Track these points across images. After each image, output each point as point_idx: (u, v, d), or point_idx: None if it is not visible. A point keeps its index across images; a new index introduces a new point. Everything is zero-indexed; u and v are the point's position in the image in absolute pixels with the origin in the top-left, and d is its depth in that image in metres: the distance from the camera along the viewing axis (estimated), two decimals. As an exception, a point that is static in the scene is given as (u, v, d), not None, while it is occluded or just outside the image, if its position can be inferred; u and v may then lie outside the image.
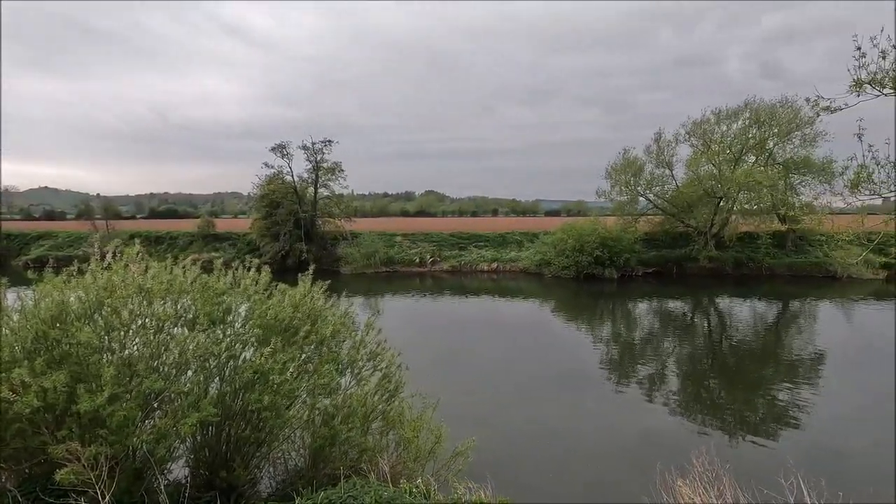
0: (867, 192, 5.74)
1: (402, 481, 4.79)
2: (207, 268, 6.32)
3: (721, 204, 32.01)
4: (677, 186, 34.13)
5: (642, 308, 23.67)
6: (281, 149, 37.09)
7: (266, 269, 6.52)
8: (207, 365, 5.26)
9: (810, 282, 29.61)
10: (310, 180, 38.18)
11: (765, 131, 31.66)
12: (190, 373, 5.18)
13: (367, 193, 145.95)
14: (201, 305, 5.45)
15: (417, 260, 35.94)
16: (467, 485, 5.07)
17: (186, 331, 5.21)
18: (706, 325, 20.18)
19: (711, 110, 33.40)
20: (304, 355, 5.74)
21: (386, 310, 22.72)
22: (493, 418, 10.22)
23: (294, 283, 6.49)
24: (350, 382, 6.21)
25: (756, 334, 18.25)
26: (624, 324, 20.48)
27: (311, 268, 6.94)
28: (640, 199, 35.34)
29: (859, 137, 5.72)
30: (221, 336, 5.42)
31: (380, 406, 6.16)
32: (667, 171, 34.56)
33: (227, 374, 5.37)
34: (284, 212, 35.86)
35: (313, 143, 37.32)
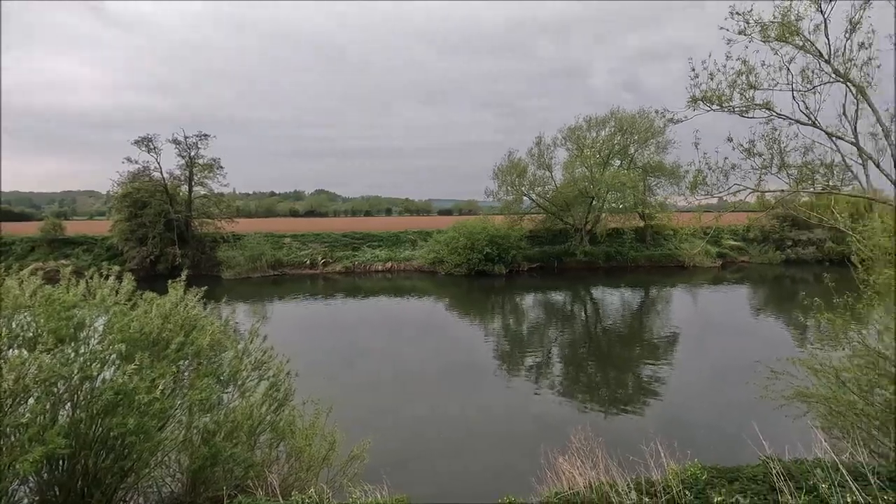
0: (703, 193, 6.76)
1: (293, 493, 4.57)
2: (54, 278, 5.51)
3: (593, 203, 35.40)
4: (556, 187, 36.98)
5: (528, 301, 25.30)
6: (147, 142, 33.16)
7: (129, 277, 5.85)
8: (55, 390, 4.55)
9: (665, 271, 34.00)
10: (183, 178, 34.72)
11: (627, 138, 35.66)
12: (31, 401, 4.43)
13: (251, 193, 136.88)
14: (45, 321, 4.70)
15: (308, 262, 34.53)
16: (363, 487, 5.00)
17: (25, 352, 4.45)
18: (583, 313, 22.18)
19: (583, 118, 36.79)
20: (177, 370, 5.23)
21: (274, 315, 21.53)
22: (389, 417, 10.21)
23: (165, 291, 5.89)
24: (234, 395, 5.80)
25: (624, 319, 20.48)
26: (513, 316, 21.72)
27: (184, 273, 6.36)
28: (525, 198, 37.71)
29: (696, 146, 6.71)
30: (73, 355, 4.72)
31: (268, 417, 5.85)
32: (547, 173, 37.31)
33: (80, 398, 4.69)
34: (152, 212, 32.18)
35: (186, 138, 34.01)
